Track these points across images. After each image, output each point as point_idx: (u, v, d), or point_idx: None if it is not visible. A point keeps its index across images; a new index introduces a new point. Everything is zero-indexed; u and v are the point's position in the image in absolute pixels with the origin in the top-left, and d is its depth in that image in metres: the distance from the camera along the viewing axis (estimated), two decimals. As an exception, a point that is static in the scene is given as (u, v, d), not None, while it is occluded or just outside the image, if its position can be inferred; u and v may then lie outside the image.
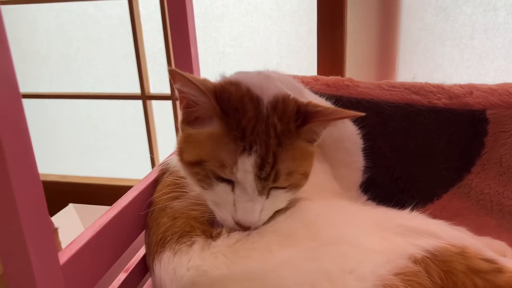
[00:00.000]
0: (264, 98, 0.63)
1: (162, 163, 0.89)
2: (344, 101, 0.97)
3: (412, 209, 0.72)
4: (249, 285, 0.57)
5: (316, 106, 0.64)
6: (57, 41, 1.47)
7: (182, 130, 0.67)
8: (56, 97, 1.56)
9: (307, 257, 0.59)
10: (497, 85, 0.92)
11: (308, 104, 0.64)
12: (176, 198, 0.74)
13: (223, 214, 0.64)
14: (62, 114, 1.59)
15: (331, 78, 1.02)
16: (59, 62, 1.50)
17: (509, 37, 1.06)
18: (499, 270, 0.60)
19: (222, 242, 0.63)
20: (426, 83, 0.96)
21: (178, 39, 1.04)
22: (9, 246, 0.50)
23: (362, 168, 0.87)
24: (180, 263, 0.62)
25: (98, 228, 0.69)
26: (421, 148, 0.94)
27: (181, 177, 0.74)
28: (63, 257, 0.60)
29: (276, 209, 0.65)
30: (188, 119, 0.66)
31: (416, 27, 1.12)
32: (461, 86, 0.94)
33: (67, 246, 0.65)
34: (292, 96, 0.66)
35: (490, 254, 0.64)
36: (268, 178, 0.61)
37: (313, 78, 1.04)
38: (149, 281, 0.89)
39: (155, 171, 0.91)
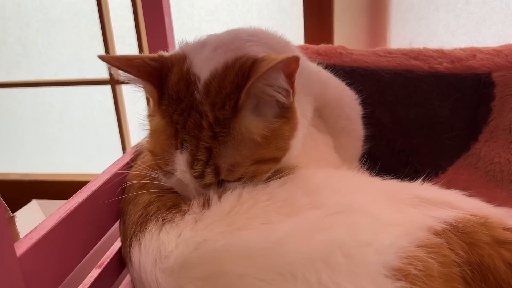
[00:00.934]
0: (202, 77, 0.56)
1: (137, 145, 0.82)
2: (337, 70, 0.88)
3: (423, 181, 0.65)
4: (249, 264, 0.49)
5: (258, 66, 0.53)
6: (13, 23, 1.34)
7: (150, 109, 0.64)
8: (14, 85, 1.43)
9: (313, 228, 0.52)
10: (502, 46, 0.86)
11: (253, 62, 0.53)
12: (155, 178, 0.65)
13: (185, 195, 0.60)
14: (22, 105, 1.45)
15: (322, 46, 0.94)
16: (16, 47, 1.37)
17: (506, 0, 1.02)
18: (526, 238, 0.54)
19: (216, 210, 0.55)
20: (425, 48, 0.90)
21: (150, 15, 0.95)
22: None
23: (363, 138, 0.81)
24: (168, 239, 0.54)
25: (64, 215, 0.60)
26: (423, 118, 0.87)
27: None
28: (20, 248, 0.51)
29: None
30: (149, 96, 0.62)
31: (408, -8, 1.06)
32: (462, 49, 0.88)
33: (25, 235, 0.55)
34: (239, 58, 0.56)
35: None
36: (204, 176, 0.55)
37: (302, 47, 0.96)
38: (127, 279, 0.80)
39: (128, 154, 0.81)
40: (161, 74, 0.58)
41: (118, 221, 0.71)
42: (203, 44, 0.61)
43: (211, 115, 0.54)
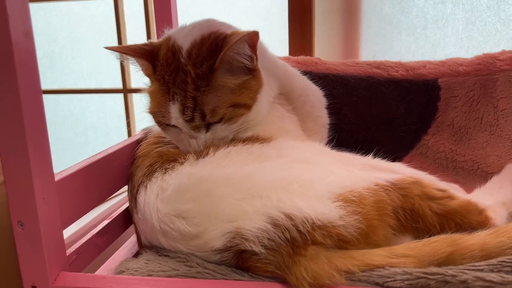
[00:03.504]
0: (184, 47, 0.72)
1: (145, 128, 0.95)
2: (313, 75, 1.06)
3: (374, 157, 0.78)
4: (228, 187, 0.63)
5: (231, 34, 0.70)
6: (42, 39, 1.54)
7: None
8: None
9: (277, 168, 0.66)
10: (446, 59, 1.04)
11: (226, 35, 0.70)
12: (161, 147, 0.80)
13: (182, 148, 0.75)
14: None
15: (301, 58, 1.13)
16: (43, 60, 1.56)
17: (456, 26, 1.20)
18: (451, 197, 0.68)
19: (209, 159, 0.69)
20: (386, 60, 1.08)
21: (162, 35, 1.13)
22: (12, 157, 0.55)
23: (327, 126, 0.95)
24: (169, 178, 0.68)
25: (86, 164, 0.75)
26: (383, 115, 1.04)
27: (163, 142, 0.81)
28: (57, 177, 0.66)
29: (223, 137, 0.74)
30: (145, 74, 0.78)
31: (376, 19, 1.25)
32: (416, 62, 1.06)
33: (59, 172, 0.70)
34: (213, 32, 0.72)
35: (442, 185, 0.73)
36: (193, 119, 0.71)
37: (284, 58, 1.14)
38: (131, 239, 0.93)
39: (139, 134, 0.96)
40: (152, 53, 0.74)
41: (126, 185, 0.86)
42: (183, 26, 0.79)
43: (193, 72, 0.70)
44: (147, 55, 0.74)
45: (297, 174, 0.65)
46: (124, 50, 0.75)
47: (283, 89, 0.88)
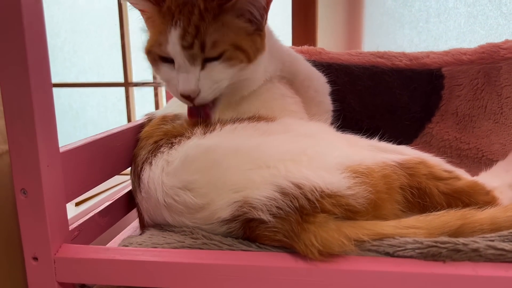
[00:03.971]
0: None
1: (148, 113, 0.95)
2: (316, 65, 1.06)
3: (379, 140, 0.78)
4: (236, 158, 0.62)
5: None
6: (44, 32, 1.53)
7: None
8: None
9: (286, 140, 0.66)
10: (450, 49, 1.04)
11: None
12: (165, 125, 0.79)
13: (171, 90, 0.74)
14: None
15: (305, 47, 1.13)
16: (44, 53, 1.54)
17: (458, 20, 1.21)
18: (457, 178, 0.68)
19: (216, 133, 0.69)
20: (389, 51, 1.08)
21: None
22: (17, 122, 0.55)
23: (331, 113, 0.95)
24: (175, 152, 0.66)
25: (90, 140, 0.74)
26: (387, 103, 1.04)
27: (168, 120, 0.80)
28: (61, 149, 0.65)
29: (216, 81, 0.71)
30: (147, 23, 0.77)
31: (379, 12, 1.26)
32: (419, 52, 1.07)
33: (63, 146, 0.69)
34: None
35: (448, 166, 0.72)
36: (192, 46, 0.68)
37: (288, 47, 1.14)
38: (132, 225, 0.92)
39: (142, 119, 0.96)
40: None
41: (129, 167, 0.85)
42: None
43: (202, 5, 0.69)
44: None
45: (305, 146, 0.64)
46: None
47: (287, 73, 0.87)
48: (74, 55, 1.56)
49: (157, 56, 0.73)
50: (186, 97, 0.71)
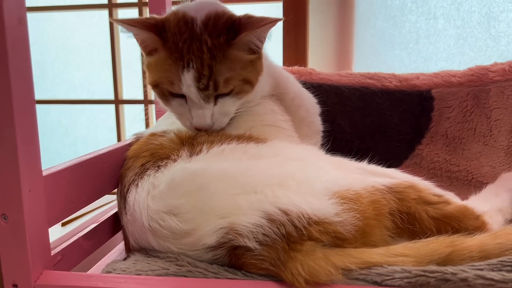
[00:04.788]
0: (198, 18, 0.74)
1: (137, 133, 0.94)
2: (307, 86, 1.06)
3: (368, 163, 0.78)
4: (223, 182, 0.61)
5: (248, 17, 0.73)
6: (35, 49, 1.51)
7: (146, 60, 0.79)
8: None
9: (273, 164, 0.65)
10: (439, 71, 1.05)
11: (241, 17, 0.73)
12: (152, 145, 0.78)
13: (184, 122, 0.77)
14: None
15: (295, 67, 1.13)
16: (34, 70, 1.52)
17: (448, 42, 1.22)
18: (447, 202, 0.68)
19: (202, 156, 0.68)
20: (379, 72, 1.08)
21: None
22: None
23: (321, 134, 0.94)
24: (161, 176, 0.65)
25: (75, 162, 0.73)
26: (377, 125, 1.04)
27: (157, 136, 0.79)
28: (44, 172, 0.63)
29: (227, 113, 0.76)
30: (146, 51, 0.78)
31: (369, 33, 1.27)
32: (409, 73, 1.07)
33: (47, 168, 0.67)
34: (226, 11, 0.75)
35: (438, 190, 0.72)
36: (207, 88, 0.72)
37: (279, 66, 1.14)
38: (118, 247, 0.90)
39: (130, 139, 0.95)
40: (157, 26, 0.73)
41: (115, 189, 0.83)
42: (187, 3, 0.79)
43: (210, 42, 0.71)
44: (154, 29, 0.73)
45: (293, 171, 0.64)
46: (132, 23, 0.73)
47: (277, 90, 0.88)
48: (65, 71, 1.55)
49: (167, 91, 0.75)
50: (198, 129, 0.75)
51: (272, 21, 0.71)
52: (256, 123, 0.78)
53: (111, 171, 0.82)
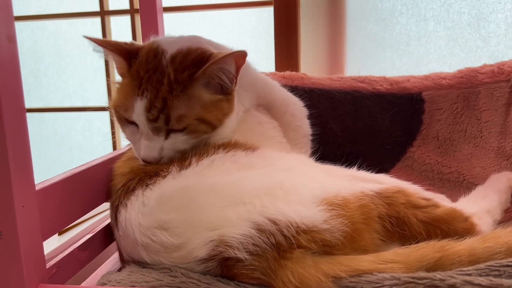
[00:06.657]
0: (169, 51, 0.73)
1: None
2: (298, 90, 1.07)
3: (358, 169, 0.79)
4: (212, 195, 0.61)
5: (219, 53, 0.71)
6: (29, 57, 1.54)
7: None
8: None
9: (261, 175, 0.66)
10: (430, 73, 1.06)
11: (213, 52, 0.71)
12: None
13: (136, 151, 0.74)
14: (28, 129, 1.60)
15: (287, 73, 1.14)
16: (28, 78, 1.55)
17: (438, 43, 1.23)
18: (436, 205, 0.68)
19: (192, 170, 0.68)
20: (370, 75, 1.09)
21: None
22: None
23: (309, 137, 0.94)
24: (151, 193, 0.65)
25: (69, 175, 0.73)
26: (368, 128, 1.05)
27: None
28: (37, 186, 0.64)
29: (178, 149, 0.72)
30: (119, 74, 0.77)
31: (360, 36, 1.28)
32: (400, 76, 1.08)
33: (40, 182, 0.68)
34: (203, 47, 0.73)
35: (426, 194, 0.73)
36: (157, 120, 0.69)
37: (270, 73, 1.15)
38: (114, 256, 0.91)
39: (125, 147, 0.95)
40: (131, 52, 0.73)
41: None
42: (170, 36, 0.80)
43: (172, 76, 0.69)
44: (124, 53, 0.73)
45: (280, 180, 0.64)
46: (102, 43, 0.74)
47: (263, 100, 0.88)
48: (59, 79, 1.56)
49: (123, 117, 0.73)
50: (144, 161, 0.72)
51: (235, 53, 0.68)
52: (245, 139, 0.77)
53: (105, 182, 0.82)
